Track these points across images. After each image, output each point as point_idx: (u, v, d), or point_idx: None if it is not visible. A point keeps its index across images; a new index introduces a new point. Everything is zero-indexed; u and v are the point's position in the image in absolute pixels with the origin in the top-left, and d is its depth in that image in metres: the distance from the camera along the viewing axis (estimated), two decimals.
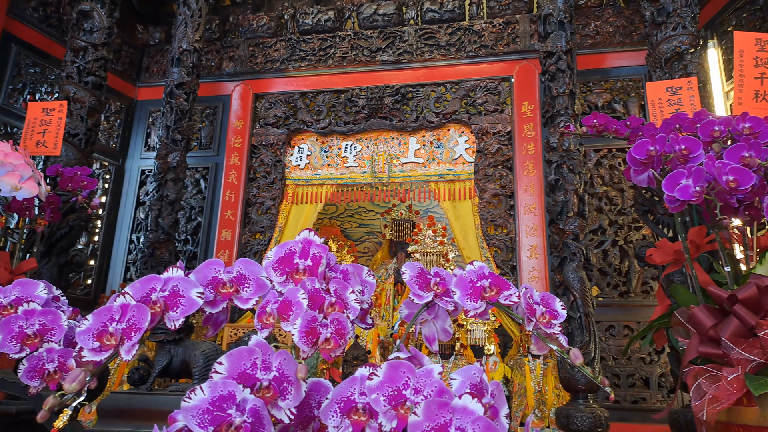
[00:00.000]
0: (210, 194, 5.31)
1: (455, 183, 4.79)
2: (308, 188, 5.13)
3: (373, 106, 4.98)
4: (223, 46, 5.71)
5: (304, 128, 5.24)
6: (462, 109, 4.89)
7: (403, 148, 4.98)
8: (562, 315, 1.19)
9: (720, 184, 1.60)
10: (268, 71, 5.47)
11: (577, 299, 3.38)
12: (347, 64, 5.22)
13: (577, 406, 3.23)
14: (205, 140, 5.55)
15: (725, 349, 1.61)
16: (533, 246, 4.31)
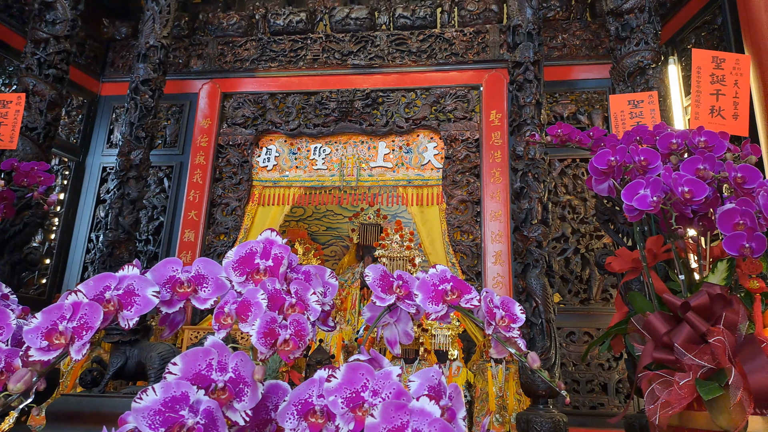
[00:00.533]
0: (174, 194, 5.21)
1: (423, 188, 4.82)
2: (275, 190, 5.08)
3: (343, 110, 4.97)
4: (192, 44, 5.62)
5: (272, 129, 5.20)
6: (432, 115, 4.92)
7: (372, 152, 4.99)
8: (521, 319, 1.20)
9: (676, 195, 1.66)
10: (238, 70, 5.41)
11: (539, 305, 3.43)
12: (318, 67, 5.21)
13: (537, 411, 3.27)
14: (170, 138, 5.45)
15: (678, 355, 1.66)
16: (498, 252, 4.37)
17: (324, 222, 7.21)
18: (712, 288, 1.71)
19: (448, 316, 1.25)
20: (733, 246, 1.59)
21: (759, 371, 1.51)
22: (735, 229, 1.62)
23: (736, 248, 1.58)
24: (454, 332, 4.12)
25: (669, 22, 4.18)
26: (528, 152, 3.73)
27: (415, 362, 3.84)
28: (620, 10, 3.52)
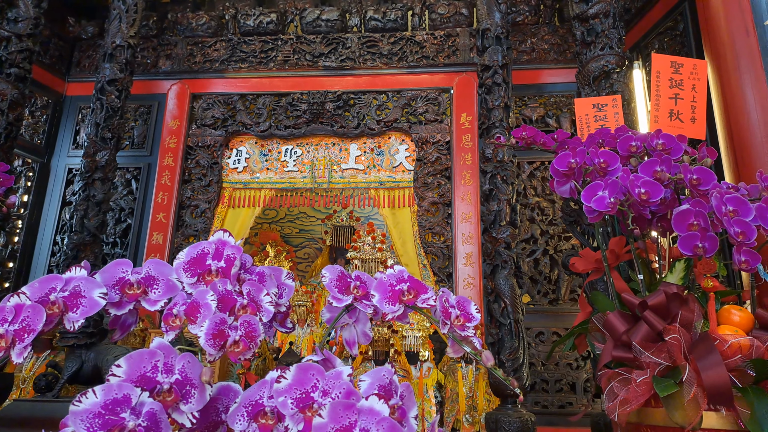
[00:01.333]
0: (141, 196, 5.12)
1: (395, 190, 4.83)
2: (246, 192, 5.04)
3: (314, 111, 4.95)
4: (161, 44, 5.54)
5: (243, 130, 5.15)
6: (403, 117, 4.94)
7: (344, 154, 4.98)
8: (476, 318, 1.21)
9: (633, 196, 1.69)
10: (207, 71, 5.35)
11: (508, 306, 3.47)
12: (289, 68, 5.18)
13: (506, 411, 3.31)
14: (138, 139, 5.36)
15: (636, 353, 1.69)
16: (469, 254, 4.40)
17: (297, 224, 7.17)
18: (669, 287, 1.75)
19: (406, 316, 1.26)
20: (687, 246, 1.63)
21: (712, 368, 1.54)
22: (689, 229, 1.66)
23: (690, 248, 1.63)
24: (425, 333, 4.13)
25: (634, 27, 4.28)
26: (497, 155, 3.77)
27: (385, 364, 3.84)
28: (586, 15, 3.60)
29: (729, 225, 1.61)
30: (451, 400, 3.79)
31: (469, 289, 4.29)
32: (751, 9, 3.05)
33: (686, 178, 1.83)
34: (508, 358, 3.40)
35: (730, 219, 1.62)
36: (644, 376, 1.65)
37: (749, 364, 1.58)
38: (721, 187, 1.77)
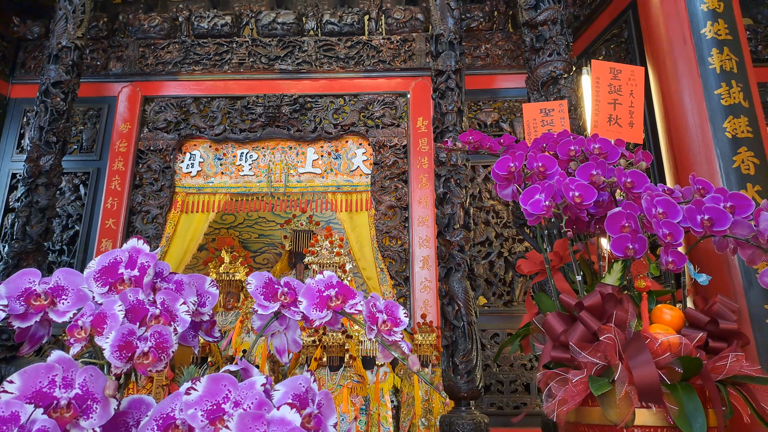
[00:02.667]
0: (90, 201, 4.96)
1: (352, 194, 4.82)
2: (199, 197, 4.94)
3: (270, 115, 4.90)
4: (111, 45, 5.39)
5: (196, 134, 5.06)
6: (360, 121, 4.94)
7: (300, 158, 4.95)
8: (404, 323, 1.21)
9: (567, 199, 1.72)
10: (159, 73, 5.23)
11: (461, 308, 3.50)
12: (244, 71, 5.12)
13: (459, 414, 3.33)
14: (87, 143, 5.19)
15: (573, 353, 1.73)
16: (426, 257, 4.43)
17: (256, 229, 7.08)
18: (604, 288, 1.79)
19: (337, 322, 1.25)
20: (619, 247, 1.67)
21: (642, 366, 1.59)
22: (621, 231, 1.71)
23: (621, 249, 1.67)
24: None
25: (582, 35, 4.39)
26: (450, 159, 3.81)
27: (340, 369, 3.82)
28: (534, 22, 3.67)
29: (657, 226, 1.66)
30: (407, 404, 3.80)
31: (426, 292, 4.31)
32: (689, 18, 3.17)
33: (620, 181, 1.88)
34: (462, 360, 3.43)
35: (659, 221, 1.68)
36: (581, 375, 1.69)
37: (677, 362, 1.63)
38: (653, 190, 1.82)
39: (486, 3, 5.05)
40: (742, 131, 2.99)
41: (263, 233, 7.06)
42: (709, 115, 3.02)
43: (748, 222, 1.81)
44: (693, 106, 3.08)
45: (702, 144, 3.03)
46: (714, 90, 3.06)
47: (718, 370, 1.64)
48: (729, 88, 3.05)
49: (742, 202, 1.83)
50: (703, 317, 1.74)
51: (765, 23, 5.03)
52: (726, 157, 2.96)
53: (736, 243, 1.90)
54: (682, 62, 3.17)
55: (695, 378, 1.64)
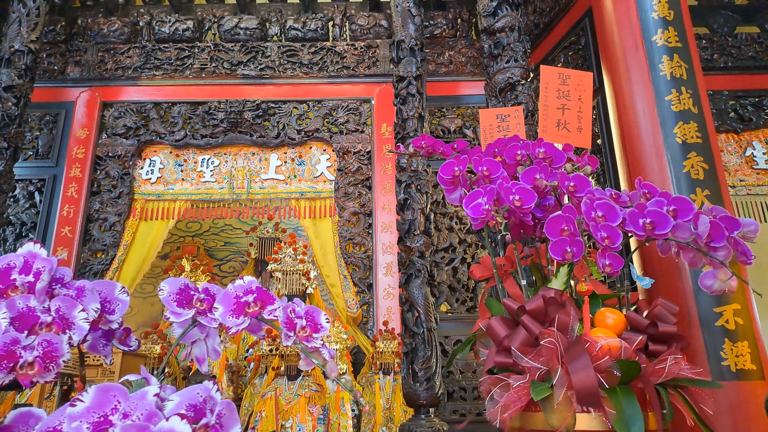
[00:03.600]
0: (46, 209, 4.82)
1: (316, 201, 4.78)
2: (159, 204, 4.84)
3: (232, 120, 4.84)
4: (69, 50, 5.27)
5: (156, 140, 4.96)
6: (324, 127, 4.91)
7: (263, 165, 4.89)
8: (324, 329, 1.18)
9: (508, 203, 1.72)
10: (119, 78, 5.13)
11: (421, 315, 3.47)
12: (206, 76, 5.05)
13: (418, 421, 3.30)
14: (43, 150, 5.05)
15: (515, 358, 1.71)
16: (389, 264, 4.40)
17: (222, 237, 6.98)
18: (547, 292, 1.79)
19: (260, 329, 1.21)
20: (557, 250, 1.67)
21: (581, 370, 1.58)
22: (561, 234, 1.71)
23: (560, 253, 1.67)
24: (343, 346, 4.09)
25: (542, 42, 4.44)
26: (411, 164, 3.80)
27: (298, 379, 3.76)
28: (493, 29, 3.69)
29: (596, 230, 1.66)
30: (368, 413, 3.76)
31: (389, 299, 4.28)
32: (640, 26, 3.22)
33: (563, 185, 1.89)
34: (421, 367, 3.40)
35: (597, 224, 1.68)
36: (522, 380, 1.68)
37: (616, 366, 1.63)
38: (594, 194, 1.83)
39: (449, 10, 5.09)
40: (691, 137, 3.04)
41: (229, 241, 6.96)
42: (660, 121, 3.07)
43: (688, 225, 1.83)
44: (645, 112, 3.13)
45: (654, 149, 3.08)
46: (665, 96, 3.11)
47: (658, 373, 1.64)
48: (679, 94, 3.10)
49: (684, 205, 1.85)
50: (644, 320, 1.75)
51: (720, 32, 5.15)
52: (676, 162, 3.01)
53: (678, 246, 1.92)
54: (635, 69, 3.22)
55: (636, 381, 1.64)
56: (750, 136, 5.01)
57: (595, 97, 3.72)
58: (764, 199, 4.94)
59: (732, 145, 5.05)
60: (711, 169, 3.00)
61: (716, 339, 2.75)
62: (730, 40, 5.08)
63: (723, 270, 1.85)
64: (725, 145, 5.04)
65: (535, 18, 4.49)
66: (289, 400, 3.54)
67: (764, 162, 5.00)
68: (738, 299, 2.86)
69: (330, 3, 5.28)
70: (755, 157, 4.99)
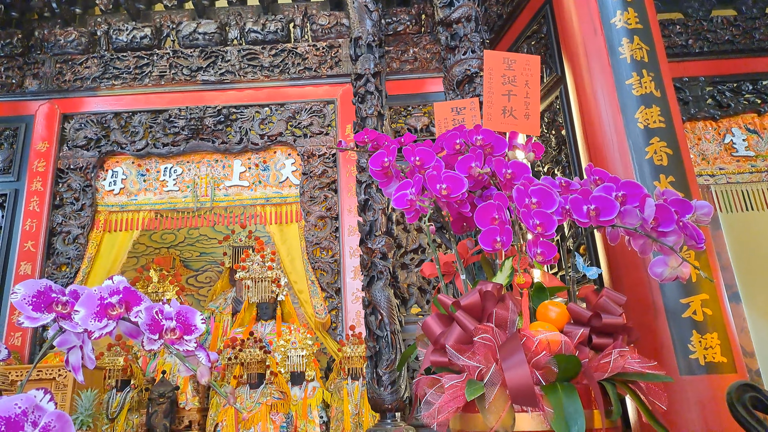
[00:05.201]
0: (8, 224, 4.69)
1: (282, 206, 4.67)
2: (123, 215, 4.72)
3: (192, 127, 4.73)
4: (27, 63, 5.15)
5: (118, 150, 4.84)
6: (288, 131, 4.80)
7: (227, 171, 4.78)
8: (199, 329, 1.07)
9: (434, 192, 1.61)
10: (78, 89, 5.01)
11: (384, 317, 3.36)
12: (165, 83, 4.93)
13: (384, 426, 3.18)
14: (4, 164, 4.92)
15: (451, 357, 1.60)
16: (357, 267, 4.28)
17: (197, 247, 6.85)
18: (485, 285, 1.68)
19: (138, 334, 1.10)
20: (487, 241, 1.56)
21: (515, 367, 1.46)
22: (492, 223, 1.60)
23: (489, 243, 1.56)
24: (310, 352, 3.96)
25: (506, 33, 4.35)
26: None
27: (260, 387, 3.62)
28: (449, 20, 3.60)
29: (527, 217, 1.56)
30: (336, 419, 3.63)
31: (358, 303, 4.17)
32: (598, 8, 3.14)
33: (500, 172, 1.79)
34: (386, 370, 3.29)
35: (530, 211, 1.57)
36: (457, 380, 1.56)
37: (554, 361, 1.51)
38: (530, 180, 1.73)
39: (413, 6, 5.00)
40: (654, 121, 2.95)
41: (205, 251, 6.84)
42: (621, 107, 2.98)
43: (636, 211, 1.73)
44: (606, 99, 3.04)
45: (615, 136, 2.98)
46: (625, 80, 3.02)
47: (602, 367, 1.53)
48: (640, 77, 3.01)
49: (634, 190, 1.74)
50: (586, 312, 1.64)
51: (696, 16, 5.07)
52: (639, 148, 2.92)
53: (627, 233, 1.82)
54: (594, 54, 3.13)
55: (580, 377, 1.53)
56: (729, 122, 4.92)
57: (557, 86, 3.64)
58: (745, 187, 4.83)
59: (710, 132, 4.96)
60: (675, 155, 2.90)
61: (684, 331, 2.64)
62: (706, 24, 4.98)
63: (674, 256, 1.75)
64: (703, 133, 4.95)
65: (498, 9, 4.41)
66: (250, 409, 3.41)
67: (744, 149, 4.90)
68: (706, 289, 2.75)
69: (290, 3, 5.18)
70: (734, 144, 4.89)
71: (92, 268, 4.57)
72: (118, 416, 3.75)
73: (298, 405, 3.73)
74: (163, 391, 3.52)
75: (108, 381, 3.91)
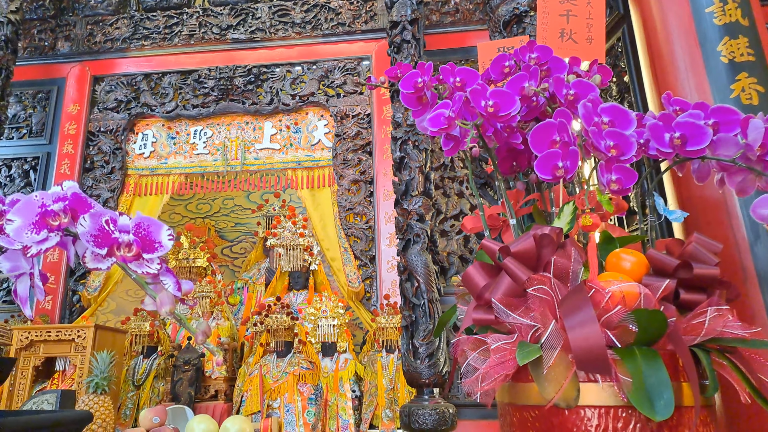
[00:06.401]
0: (40, 187, 4.65)
1: (314, 170, 4.42)
2: (153, 178, 4.59)
3: (222, 87, 4.52)
4: (59, 25, 5.06)
5: (148, 112, 4.70)
6: (320, 90, 4.54)
7: (258, 134, 4.56)
8: (164, 247, 0.81)
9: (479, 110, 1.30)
10: (108, 51, 4.89)
11: (421, 284, 3.08)
12: (195, 43, 4.74)
13: (421, 402, 2.92)
14: (37, 128, 4.87)
15: (498, 314, 1.29)
16: (392, 234, 4.01)
17: (232, 218, 6.73)
18: (541, 229, 1.36)
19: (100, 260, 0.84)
20: (546, 167, 1.25)
21: (581, 326, 1.15)
22: (552, 147, 1.28)
23: (549, 169, 1.25)
24: (342, 321, 3.72)
25: None
26: (407, 118, 3.39)
27: (288, 356, 3.40)
28: None
29: (598, 137, 1.24)
30: (370, 394, 3.39)
31: (393, 271, 3.90)
32: None
33: (560, 93, 1.46)
34: (422, 342, 3.02)
35: (601, 130, 1.25)
36: (505, 340, 1.27)
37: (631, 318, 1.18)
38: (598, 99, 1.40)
39: None
40: (741, 54, 2.51)
41: (239, 221, 6.71)
42: (699, 39, 2.55)
43: (735, 138, 1.38)
44: (679, 32, 2.61)
45: (691, 76, 2.57)
46: (705, 8, 2.59)
47: (694, 330, 1.19)
48: (723, 4, 2.57)
49: (730, 117, 1.39)
50: (671, 260, 1.31)
51: None
52: (722, 87, 2.49)
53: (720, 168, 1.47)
54: None
55: (663, 342, 1.19)
56: None
57: (619, 27, 3.23)
58: None
59: None
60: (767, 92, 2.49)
61: None
62: None
63: None
64: None
65: None
66: (276, 379, 3.21)
67: None
68: None
69: None
70: None
71: None
72: (144, 383, 3.63)
73: (329, 377, 3.51)
74: (188, 358, 3.36)
75: (135, 347, 3.80)
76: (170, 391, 3.39)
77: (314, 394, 3.19)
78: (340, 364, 3.58)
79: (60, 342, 2.89)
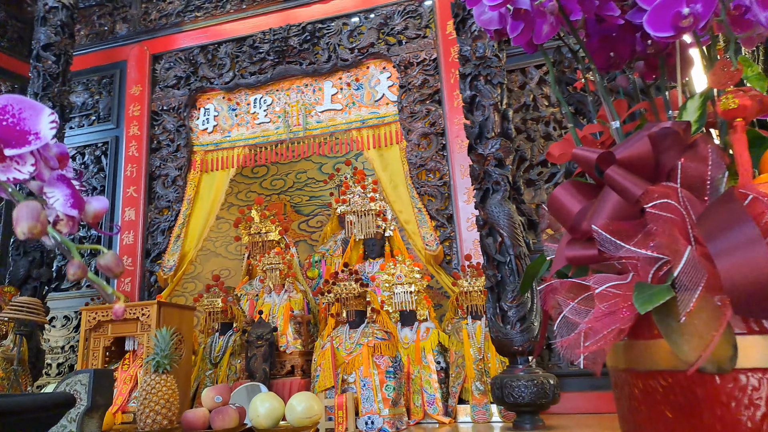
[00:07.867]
0: (111, 171, 4.69)
1: (380, 128, 4.09)
2: (218, 153, 4.48)
3: (277, 50, 4.28)
4: (116, 8, 5.05)
5: (207, 86, 4.58)
6: (380, 40, 4.17)
7: (318, 95, 4.29)
8: (41, 138, 0.51)
9: None
10: (163, 27, 4.81)
11: (505, 238, 2.68)
12: (247, 7, 4.53)
13: (514, 373, 2.55)
14: (104, 113, 4.92)
15: (603, 245, 0.90)
16: (471, 188, 3.60)
17: (306, 192, 6.57)
18: (657, 126, 0.93)
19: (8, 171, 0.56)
20: (663, 18, 0.83)
21: (737, 250, 0.74)
22: None
23: (669, 20, 0.83)
24: (419, 287, 3.40)
25: None
26: (475, 50, 2.96)
27: (360, 326, 3.13)
28: None
29: None
30: (457, 365, 3.06)
31: (474, 230, 3.50)
32: None
33: None
34: (511, 304, 2.63)
35: None
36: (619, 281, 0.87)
37: None
38: None
39: None
40: None
41: (314, 194, 6.55)
42: None
43: None
44: None
45: None
46: None
47: None
48: None
49: None
50: None
51: None
52: None
53: None
54: None
55: None
56: None
57: None
58: None
59: None
60: None
61: None
62: None
63: None
64: None
65: None
66: (349, 351, 2.96)
67: None
68: None
69: None
70: None
71: (192, 210, 4.40)
72: (221, 361, 3.53)
73: (410, 348, 3.21)
74: (260, 333, 3.20)
75: (212, 324, 3.72)
76: (245, 367, 3.26)
77: (392, 366, 2.91)
78: (420, 334, 3.27)
79: (126, 321, 2.81)
